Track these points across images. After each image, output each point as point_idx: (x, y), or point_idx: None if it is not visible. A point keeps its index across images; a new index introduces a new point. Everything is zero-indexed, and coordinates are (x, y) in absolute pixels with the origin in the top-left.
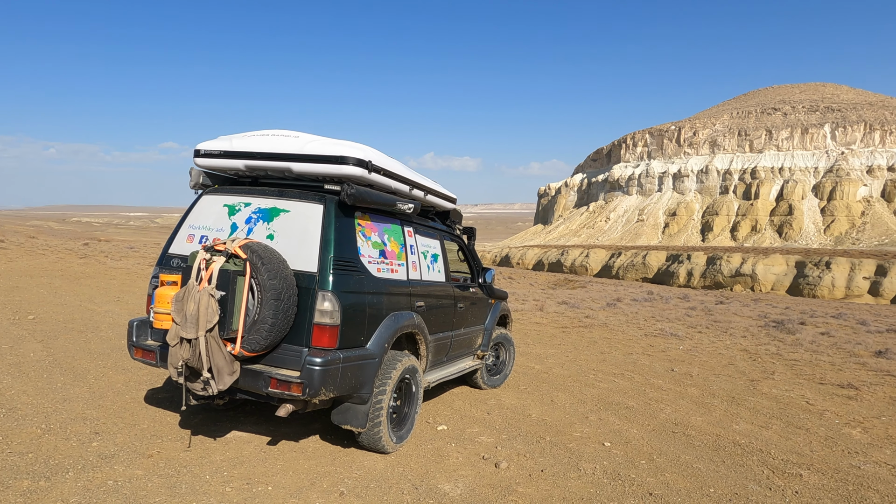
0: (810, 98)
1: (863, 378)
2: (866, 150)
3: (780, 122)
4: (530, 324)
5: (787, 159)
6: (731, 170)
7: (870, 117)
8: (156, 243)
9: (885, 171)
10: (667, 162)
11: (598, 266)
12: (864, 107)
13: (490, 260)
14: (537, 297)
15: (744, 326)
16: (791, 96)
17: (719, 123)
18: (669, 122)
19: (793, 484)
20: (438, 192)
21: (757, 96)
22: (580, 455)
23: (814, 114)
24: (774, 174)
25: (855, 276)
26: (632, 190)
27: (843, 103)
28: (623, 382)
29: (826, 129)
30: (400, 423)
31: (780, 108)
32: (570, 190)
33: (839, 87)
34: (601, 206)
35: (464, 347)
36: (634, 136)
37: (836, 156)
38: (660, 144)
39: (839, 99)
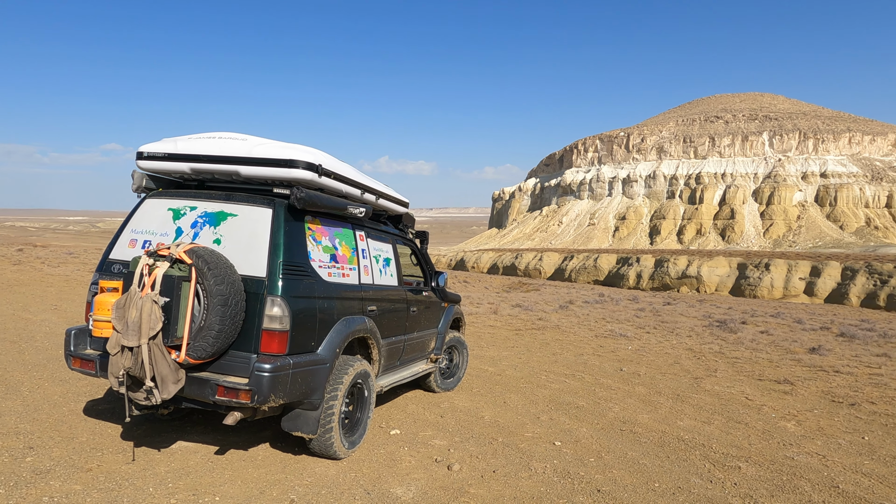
0: (750, 107)
1: (798, 374)
2: (801, 157)
3: (722, 130)
4: (484, 327)
5: (729, 165)
6: (677, 175)
7: (804, 126)
8: (97, 249)
9: (819, 178)
10: (616, 167)
11: (551, 269)
12: (799, 116)
13: (445, 264)
14: (492, 300)
15: (689, 326)
16: (732, 105)
17: (665, 130)
18: (619, 129)
19: (732, 476)
20: (390, 196)
21: (700, 105)
22: (531, 455)
23: (753, 122)
24: (717, 180)
25: (792, 277)
26: (583, 194)
27: (780, 112)
28: (574, 383)
29: (764, 136)
30: (352, 428)
31: (722, 116)
32: (524, 194)
33: (776, 97)
34: (554, 211)
35: (417, 351)
36: (585, 142)
37: (773, 162)
38: (610, 150)
39: (776, 108)
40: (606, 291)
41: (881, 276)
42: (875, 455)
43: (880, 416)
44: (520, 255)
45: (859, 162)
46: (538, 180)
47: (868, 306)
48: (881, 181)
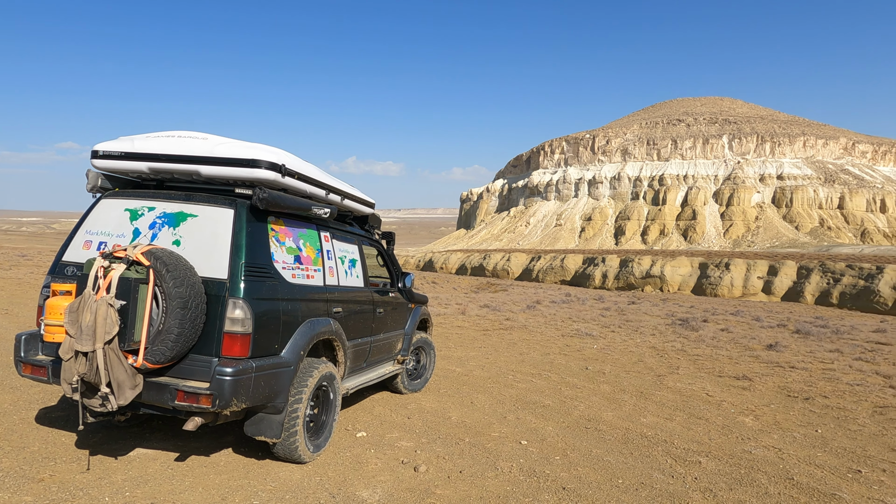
0: (710, 111)
1: (756, 370)
2: (759, 159)
3: (684, 133)
4: (452, 327)
5: (690, 167)
6: (641, 177)
7: (761, 130)
8: (51, 251)
9: (775, 180)
10: (582, 169)
11: (519, 270)
12: (757, 120)
13: (414, 265)
14: (460, 300)
15: (653, 325)
16: (693, 109)
17: (630, 133)
18: (584, 131)
19: (693, 471)
20: (356, 197)
21: (663, 108)
22: (498, 454)
23: (713, 125)
24: (680, 181)
25: (751, 276)
26: (550, 195)
27: (739, 116)
28: (540, 382)
29: (724, 139)
30: (317, 431)
31: (684, 119)
32: (492, 195)
33: (735, 102)
34: (521, 212)
35: (384, 353)
36: (552, 144)
37: (733, 165)
38: (576, 152)
39: (735, 112)
40: (573, 291)
41: (834, 275)
42: (827, 447)
43: (832, 409)
44: (488, 255)
45: (813, 165)
46: (506, 181)
47: (822, 304)
48: (833, 183)
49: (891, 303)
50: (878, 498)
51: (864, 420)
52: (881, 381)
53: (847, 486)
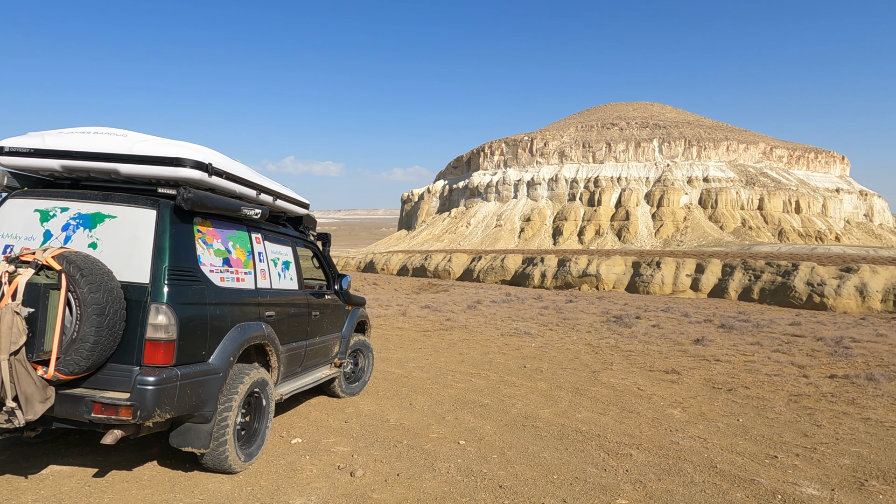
0: (641, 115)
1: (684, 364)
2: (686, 163)
3: (617, 136)
4: (392, 329)
5: (624, 170)
6: (577, 179)
7: (689, 134)
8: None
9: (702, 182)
10: (521, 170)
11: (460, 270)
12: (684, 125)
13: (355, 266)
14: (401, 301)
15: (589, 322)
16: (626, 113)
17: (566, 136)
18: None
19: (624, 463)
20: (289, 197)
21: (598, 112)
22: (436, 455)
23: (645, 129)
24: (614, 183)
25: (680, 274)
26: (490, 196)
27: (668, 121)
28: (479, 381)
29: (655, 143)
30: (249, 439)
31: (617, 123)
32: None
33: (664, 107)
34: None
35: (320, 356)
36: (492, 145)
37: (663, 167)
38: (515, 154)
39: (664, 117)
40: (513, 291)
41: (755, 272)
42: (748, 435)
43: (753, 399)
44: (429, 256)
45: (736, 168)
46: (447, 182)
47: (744, 299)
48: (754, 186)
49: (805, 298)
50: (791, 481)
51: (780, 408)
52: (796, 371)
53: (765, 471)
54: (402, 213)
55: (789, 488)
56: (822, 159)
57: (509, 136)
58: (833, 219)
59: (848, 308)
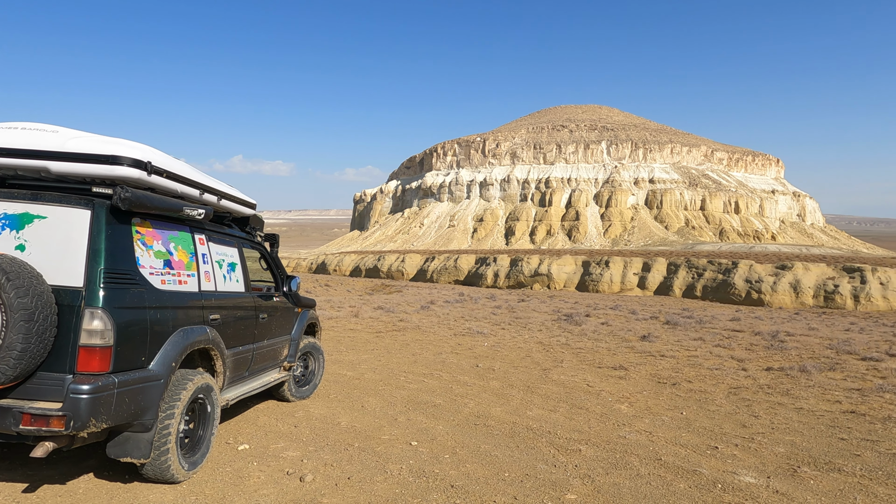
0: (590, 118)
1: (631, 360)
2: (633, 164)
3: (567, 138)
4: (345, 330)
5: (573, 171)
6: (529, 179)
7: (635, 137)
8: None
9: (648, 183)
10: (474, 171)
11: (413, 270)
12: (631, 128)
13: (306, 267)
14: (353, 303)
15: (540, 321)
16: (575, 115)
17: (518, 137)
18: (476, 134)
19: (573, 459)
20: (235, 197)
21: (548, 114)
22: (387, 457)
23: (593, 132)
24: (564, 184)
25: (627, 272)
26: (443, 197)
27: (616, 124)
28: (432, 382)
29: (603, 145)
30: (193, 447)
31: (567, 125)
32: (386, 196)
33: (612, 110)
34: (415, 213)
35: (268, 360)
36: (445, 146)
37: (611, 169)
38: (467, 154)
39: (612, 120)
40: (466, 291)
41: (698, 270)
42: (691, 428)
43: (696, 392)
44: (382, 257)
45: (679, 170)
46: (400, 182)
47: (688, 296)
48: (696, 187)
49: (744, 294)
50: (731, 470)
51: (721, 401)
52: (736, 364)
53: (706, 461)
54: (355, 213)
55: (728, 477)
56: (759, 162)
57: (462, 137)
58: (769, 219)
59: (783, 303)
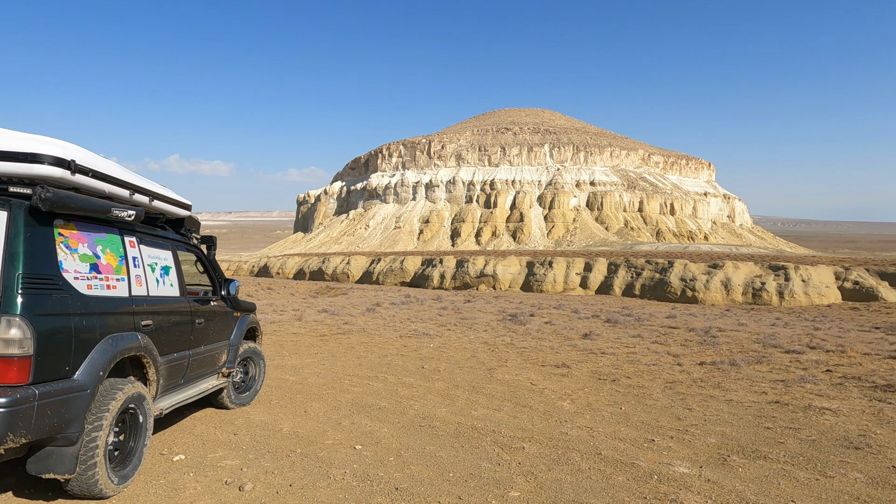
0: (533, 121)
1: (573, 357)
2: (575, 167)
3: (511, 141)
4: (287, 334)
5: (517, 173)
6: (474, 181)
7: (577, 140)
8: None
9: (589, 185)
10: (419, 172)
11: (359, 272)
12: (572, 131)
13: (247, 270)
14: (297, 306)
15: (486, 321)
16: (519, 118)
17: (463, 139)
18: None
19: (517, 456)
20: (168, 198)
21: (493, 117)
22: (331, 462)
23: (536, 135)
24: (509, 186)
25: (570, 272)
26: (389, 198)
27: (558, 127)
28: (377, 384)
29: (546, 148)
30: (123, 460)
31: (511, 128)
32: (330, 198)
33: (554, 114)
34: (360, 214)
35: (206, 366)
36: (390, 147)
37: (553, 171)
38: (413, 156)
39: (554, 124)
40: (412, 292)
41: (636, 269)
42: (629, 422)
43: (634, 388)
44: (327, 259)
45: (618, 173)
46: (344, 184)
47: (627, 295)
48: (635, 189)
49: (679, 292)
50: (666, 462)
51: (657, 395)
52: (671, 360)
53: (643, 454)
54: (299, 214)
55: (664, 468)
56: (692, 165)
57: (407, 139)
58: (702, 220)
59: (715, 300)
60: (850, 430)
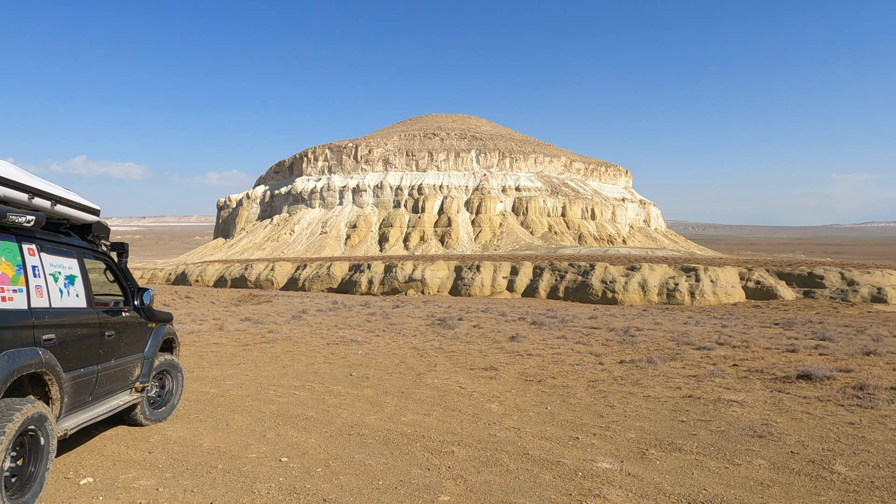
0: (460, 127)
1: (501, 360)
2: (501, 173)
3: (438, 146)
4: (208, 345)
5: (445, 178)
6: (402, 186)
7: (502, 147)
8: None
9: (514, 191)
10: (346, 177)
11: (284, 279)
12: (498, 137)
13: (163, 279)
14: (218, 315)
15: (415, 326)
16: (446, 124)
17: (390, 144)
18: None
19: (447, 461)
20: (73, 202)
21: (420, 122)
22: (255, 477)
23: (463, 140)
24: (436, 191)
25: (497, 276)
26: (315, 203)
27: (484, 133)
28: (304, 394)
29: (472, 154)
30: (22, 487)
31: (438, 133)
32: (253, 202)
33: (480, 120)
34: (285, 219)
35: (117, 381)
36: (315, 151)
37: (480, 177)
38: (339, 160)
39: (481, 130)
40: (340, 298)
41: (560, 272)
42: (555, 421)
43: (559, 388)
44: (250, 265)
45: (542, 179)
46: (268, 188)
47: (552, 297)
48: (558, 195)
49: (600, 294)
50: (590, 458)
51: (581, 394)
52: (594, 359)
53: (568, 452)
54: (219, 220)
55: (588, 465)
56: (611, 172)
57: (334, 142)
58: (620, 224)
59: (633, 301)
60: (754, 420)
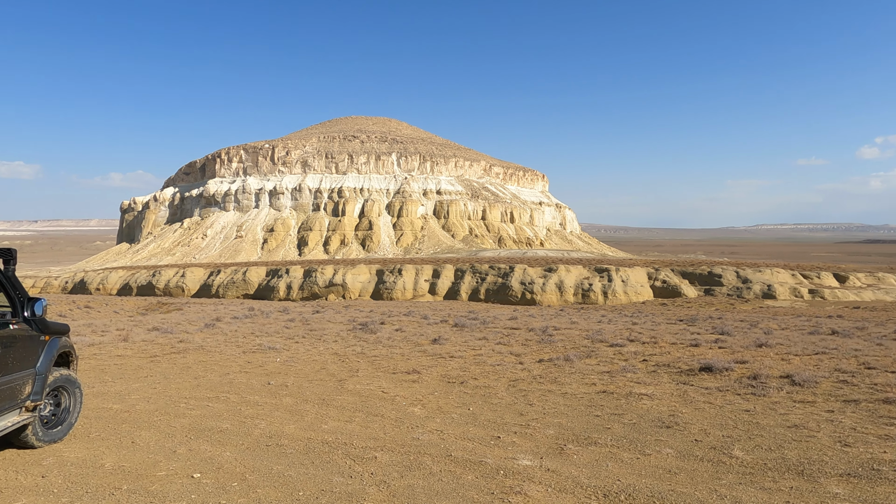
0: (381, 130)
1: (424, 363)
2: (422, 176)
3: (359, 149)
4: (111, 357)
5: (366, 181)
6: (321, 189)
7: (423, 150)
8: None
9: (435, 194)
10: (262, 179)
11: (196, 286)
12: (419, 141)
13: (59, 287)
14: (122, 325)
15: (336, 332)
16: (366, 127)
17: (309, 145)
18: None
19: (370, 467)
20: None
21: (339, 124)
22: (164, 496)
23: (384, 143)
24: (357, 194)
25: (419, 279)
26: (229, 206)
27: (405, 137)
28: (218, 405)
29: (393, 157)
30: None
31: (359, 136)
32: (161, 205)
33: (401, 124)
34: (197, 223)
35: (4, 401)
36: (229, 152)
37: (401, 180)
38: (255, 161)
39: (401, 133)
40: (257, 305)
41: (481, 275)
42: (477, 422)
43: (481, 388)
44: (158, 272)
45: (463, 182)
46: (177, 190)
47: (473, 299)
48: (478, 198)
49: (520, 295)
50: (511, 457)
51: (502, 394)
52: (514, 359)
53: (490, 451)
54: (123, 223)
55: (509, 463)
56: (529, 177)
57: (249, 143)
58: (538, 227)
59: (551, 302)
60: (662, 412)
